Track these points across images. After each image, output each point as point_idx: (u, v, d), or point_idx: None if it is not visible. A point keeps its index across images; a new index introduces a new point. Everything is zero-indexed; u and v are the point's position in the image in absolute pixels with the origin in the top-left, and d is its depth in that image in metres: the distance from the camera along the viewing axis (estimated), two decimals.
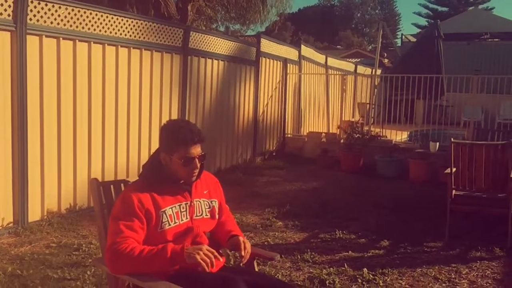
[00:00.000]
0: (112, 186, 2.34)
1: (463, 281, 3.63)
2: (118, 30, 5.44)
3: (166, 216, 2.07)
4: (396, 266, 3.89)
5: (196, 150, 2.13)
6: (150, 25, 5.90)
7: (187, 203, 2.16)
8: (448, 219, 4.57)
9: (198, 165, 2.15)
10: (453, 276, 3.71)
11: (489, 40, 19.55)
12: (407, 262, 3.99)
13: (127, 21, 5.52)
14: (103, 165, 5.39)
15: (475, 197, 4.62)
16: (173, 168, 2.13)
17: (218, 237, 2.36)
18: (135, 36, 5.66)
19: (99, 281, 3.36)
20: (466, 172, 4.59)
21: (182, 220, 2.12)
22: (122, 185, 2.36)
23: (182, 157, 2.10)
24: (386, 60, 21.97)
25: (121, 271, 2.00)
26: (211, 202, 2.27)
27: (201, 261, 1.87)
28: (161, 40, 6.11)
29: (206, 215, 2.23)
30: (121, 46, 5.50)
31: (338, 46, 44.13)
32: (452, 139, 4.65)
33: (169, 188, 2.14)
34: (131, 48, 5.65)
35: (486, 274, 3.78)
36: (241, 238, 2.20)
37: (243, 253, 2.14)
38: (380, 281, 3.56)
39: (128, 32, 5.57)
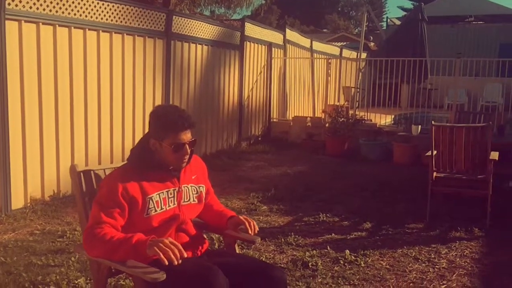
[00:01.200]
0: (92, 173, 2.33)
1: (442, 260, 3.72)
2: (99, 14, 5.37)
3: (153, 203, 2.07)
4: (378, 247, 3.96)
5: (186, 136, 2.11)
6: (132, 9, 5.83)
7: (175, 189, 2.16)
8: (429, 200, 4.66)
9: (189, 151, 2.14)
10: (433, 256, 3.79)
11: (473, 22, 19.65)
12: (388, 243, 4.06)
13: (108, 5, 5.45)
14: (86, 151, 5.36)
15: (455, 178, 4.70)
16: (163, 154, 2.11)
17: (207, 218, 2.40)
18: (116, 21, 5.59)
19: (84, 267, 3.37)
20: (447, 154, 4.66)
21: (169, 206, 2.12)
22: (103, 171, 2.36)
23: (172, 143, 2.08)
24: (372, 44, 21.99)
25: (93, 254, 2.02)
26: (198, 187, 2.27)
27: (160, 252, 1.81)
28: (143, 25, 6.05)
29: (194, 200, 2.23)
30: (103, 31, 5.44)
31: (324, 30, 43.96)
32: (432, 122, 4.71)
33: (158, 174, 2.13)
34: (113, 33, 5.58)
35: (464, 253, 3.87)
36: (241, 216, 2.26)
37: (250, 231, 2.19)
38: (362, 262, 3.62)
39: (110, 16, 5.50)
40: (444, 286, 3.29)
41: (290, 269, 3.50)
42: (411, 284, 3.31)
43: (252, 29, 8.85)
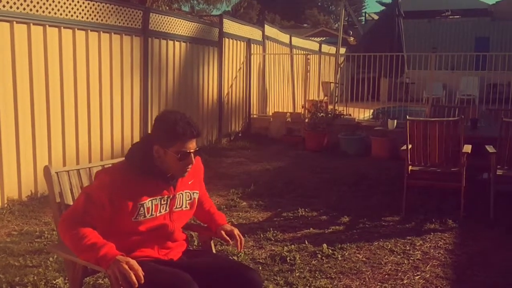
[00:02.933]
0: (67, 174, 2.33)
1: (417, 252, 3.81)
2: (74, 12, 5.32)
3: (144, 209, 2.03)
4: (355, 240, 4.04)
5: (193, 144, 2.06)
6: (108, 7, 5.79)
7: (169, 196, 2.12)
8: (404, 193, 4.75)
9: (193, 161, 2.09)
10: (408, 248, 3.88)
11: (450, 17, 19.96)
12: (365, 237, 4.14)
13: (83, 3, 5.40)
14: (64, 151, 5.32)
15: (430, 171, 4.80)
16: (166, 162, 2.05)
17: (196, 214, 2.40)
18: (92, 19, 5.55)
19: (62, 267, 3.35)
20: (421, 148, 4.75)
21: (160, 212, 2.09)
22: (77, 172, 2.36)
23: (178, 151, 2.02)
24: (351, 39, 22.16)
25: (64, 242, 2.02)
26: (192, 193, 2.24)
27: (111, 276, 1.83)
28: (119, 22, 6.01)
29: (186, 207, 2.20)
30: (78, 29, 5.40)
31: (304, 25, 44.07)
32: (407, 116, 4.80)
33: (155, 181, 2.08)
34: (89, 30, 5.54)
35: (438, 245, 3.97)
36: (235, 231, 2.27)
37: (239, 249, 2.25)
38: (339, 256, 3.69)
39: (85, 14, 5.46)
40: (418, 277, 3.38)
41: (269, 264, 3.54)
42: (386, 276, 3.39)
43: (230, 26, 8.86)
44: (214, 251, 2.50)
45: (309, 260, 3.63)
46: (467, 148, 4.73)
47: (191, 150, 2.06)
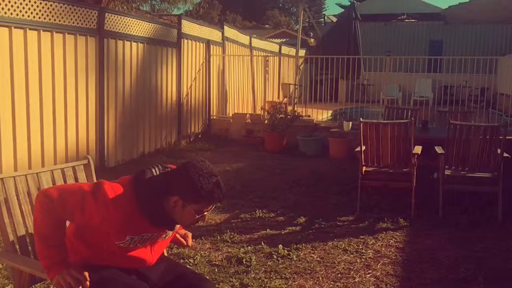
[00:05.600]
0: (14, 180, 2.28)
1: (369, 251, 3.92)
2: (26, 12, 5.17)
3: (131, 240, 1.98)
4: (310, 241, 4.12)
5: (212, 205, 2.01)
6: (61, 7, 5.65)
7: (160, 233, 2.08)
8: (359, 193, 4.88)
9: (206, 219, 2.06)
10: (361, 247, 3.99)
11: (406, 20, 20.55)
12: (320, 237, 4.23)
13: (35, 2, 5.26)
14: (15, 156, 5.15)
15: (383, 172, 4.95)
16: (180, 215, 1.95)
17: None
18: (44, 18, 5.41)
19: (12, 274, 3.27)
20: (375, 149, 4.89)
21: (144, 244, 2.05)
22: (25, 178, 2.32)
23: (199, 211, 1.93)
24: (312, 40, 22.46)
25: (35, 218, 2.00)
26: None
27: (57, 284, 1.87)
28: (73, 22, 5.88)
29: (169, 235, 2.18)
30: (30, 29, 5.25)
31: (266, 26, 44.32)
32: (360, 118, 4.93)
33: (157, 227, 2.01)
34: (41, 31, 5.40)
35: (390, 243, 4.10)
36: (189, 236, 2.34)
37: (183, 244, 2.33)
38: (294, 256, 3.76)
39: (37, 14, 5.31)
40: (370, 275, 3.48)
41: (225, 266, 3.57)
42: (339, 275, 3.48)
43: (189, 26, 8.82)
44: (166, 254, 2.50)
45: (265, 261, 3.68)
46: (418, 149, 4.91)
47: (209, 210, 1.99)
